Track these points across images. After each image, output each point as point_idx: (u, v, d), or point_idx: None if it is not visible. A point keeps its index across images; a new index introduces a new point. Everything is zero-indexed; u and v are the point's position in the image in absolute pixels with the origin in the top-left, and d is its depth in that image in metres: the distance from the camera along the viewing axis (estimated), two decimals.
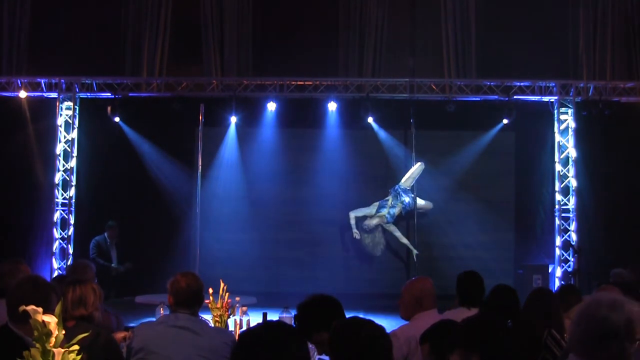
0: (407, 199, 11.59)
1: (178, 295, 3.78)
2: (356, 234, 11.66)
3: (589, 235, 11.35)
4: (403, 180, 11.66)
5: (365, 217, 11.73)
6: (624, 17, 11.87)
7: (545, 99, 11.44)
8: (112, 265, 10.82)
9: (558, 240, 11.33)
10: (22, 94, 11.31)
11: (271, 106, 11.46)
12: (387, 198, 11.73)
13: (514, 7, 11.77)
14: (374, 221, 11.67)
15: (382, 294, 11.35)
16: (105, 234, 11.02)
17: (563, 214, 11.37)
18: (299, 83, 11.43)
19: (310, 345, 3.30)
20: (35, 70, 11.70)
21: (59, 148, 11.53)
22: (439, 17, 12.02)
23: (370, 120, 11.54)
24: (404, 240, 11.77)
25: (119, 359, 3.76)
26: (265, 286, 11.72)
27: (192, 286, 3.80)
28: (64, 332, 2.89)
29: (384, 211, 11.66)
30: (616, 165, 11.37)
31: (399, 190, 11.63)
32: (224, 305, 5.38)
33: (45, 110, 11.55)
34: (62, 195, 11.51)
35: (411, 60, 11.98)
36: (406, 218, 11.85)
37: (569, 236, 11.32)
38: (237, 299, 5.65)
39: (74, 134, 11.56)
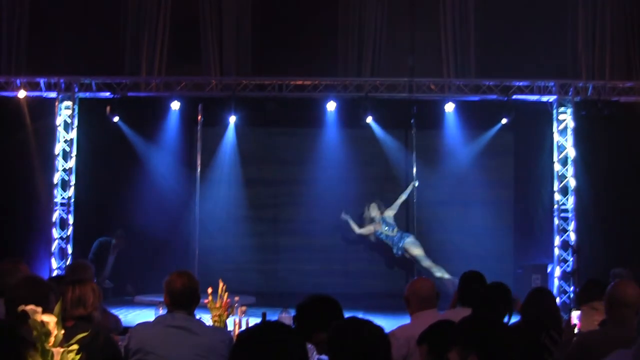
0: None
1: (174, 295, 3.78)
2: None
3: (588, 235, 11.35)
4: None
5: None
6: (623, 16, 11.86)
7: (544, 98, 11.44)
8: (100, 278, 10.92)
9: (557, 240, 11.33)
10: (21, 94, 11.29)
11: (270, 106, 11.44)
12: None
13: (513, 6, 11.77)
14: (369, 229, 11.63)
15: (382, 294, 11.37)
16: (112, 240, 11.08)
17: (562, 214, 11.36)
18: (298, 83, 11.43)
19: (309, 345, 3.30)
20: (34, 69, 11.68)
21: (58, 148, 11.52)
22: (438, 16, 12.02)
23: (369, 119, 11.54)
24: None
25: (118, 359, 3.76)
26: (264, 286, 11.73)
27: (188, 286, 3.79)
28: (63, 331, 2.90)
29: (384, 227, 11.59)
30: (615, 164, 11.37)
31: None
32: (223, 305, 5.39)
33: (44, 110, 11.53)
34: (61, 195, 11.50)
35: (410, 60, 11.98)
36: (405, 217, 11.85)
37: (567, 236, 11.32)
38: (236, 298, 5.65)
39: (73, 134, 11.55)
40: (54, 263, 11.34)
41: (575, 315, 4.99)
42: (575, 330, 4.83)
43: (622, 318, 3.77)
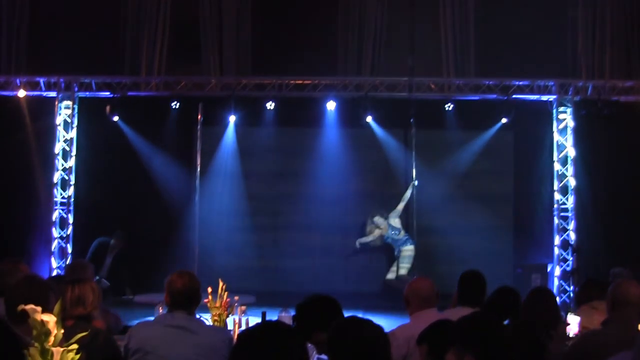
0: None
1: (174, 295, 3.78)
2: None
3: (588, 235, 11.35)
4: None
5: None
6: (623, 16, 11.85)
7: (544, 98, 11.44)
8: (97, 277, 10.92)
9: (557, 240, 11.34)
10: (21, 93, 11.30)
11: (270, 105, 11.45)
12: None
13: (513, 6, 11.76)
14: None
15: (381, 294, 11.36)
16: (111, 241, 11.06)
17: (562, 213, 11.37)
18: (297, 82, 11.42)
19: (309, 345, 3.30)
20: (34, 69, 11.68)
21: (58, 147, 11.53)
22: (438, 15, 12.02)
23: (369, 119, 11.54)
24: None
25: (118, 358, 3.76)
26: (263, 285, 11.72)
27: (189, 286, 3.79)
28: (62, 331, 2.90)
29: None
30: (615, 164, 11.37)
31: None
32: (222, 304, 5.40)
33: (44, 110, 11.54)
34: (61, 194, 11.50)
35: (410, 60, 11.97)
36: (405, 216, 11.84)
37: (567, 235, 11.33)
38: (236, 298, 5.65)
39: (73, 133, 11.56)
40: (54, 262, 11.34)
41: (575, 321, 4.98)
42: (571, 335, 4.82)
43: (624, 318, 3.75)
